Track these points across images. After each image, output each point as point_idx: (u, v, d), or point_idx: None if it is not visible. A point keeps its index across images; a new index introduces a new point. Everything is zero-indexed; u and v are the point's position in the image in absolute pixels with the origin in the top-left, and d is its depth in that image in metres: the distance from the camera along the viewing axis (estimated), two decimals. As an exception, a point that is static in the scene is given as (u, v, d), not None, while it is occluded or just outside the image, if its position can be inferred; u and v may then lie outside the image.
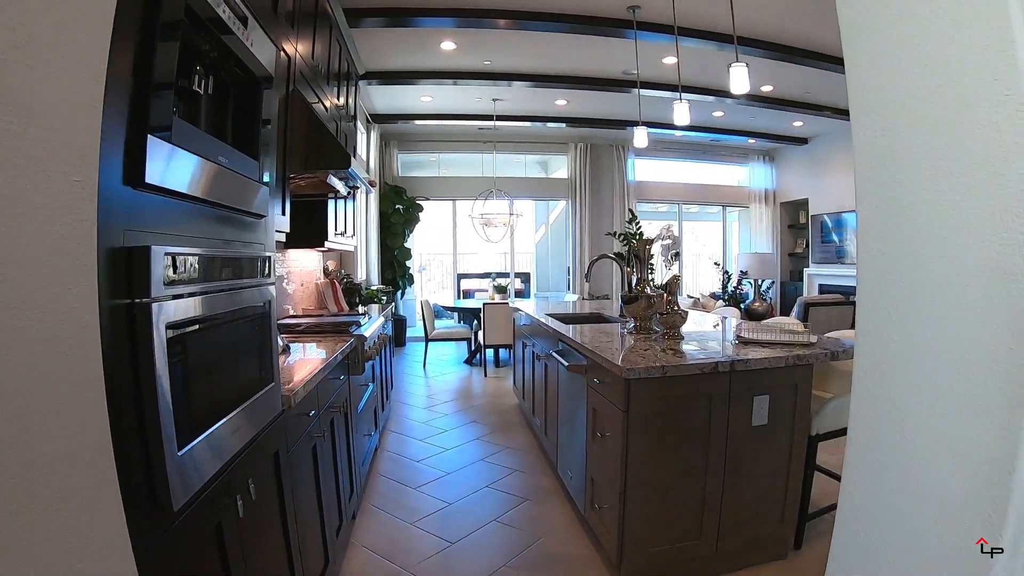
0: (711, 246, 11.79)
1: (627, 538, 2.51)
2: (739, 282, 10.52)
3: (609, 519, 2.62)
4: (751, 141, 10.35)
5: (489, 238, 8.94)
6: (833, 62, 6.06)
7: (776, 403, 2.63)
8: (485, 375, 7.22)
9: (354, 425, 3.17)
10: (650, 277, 3.55)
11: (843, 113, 8.24)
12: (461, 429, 4.98)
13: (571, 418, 3.33)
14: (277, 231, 2.95)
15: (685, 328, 3.38)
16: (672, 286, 3.33)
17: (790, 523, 2.78)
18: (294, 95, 3.20)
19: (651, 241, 3.64)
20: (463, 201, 9.89)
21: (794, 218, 11.33)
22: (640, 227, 4.33)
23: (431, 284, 11.53)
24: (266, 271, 1.67)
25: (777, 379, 2.62)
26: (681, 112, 4.73)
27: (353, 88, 5.44)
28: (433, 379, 7.10)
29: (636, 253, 3.60)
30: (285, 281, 4.24)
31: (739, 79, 3.87)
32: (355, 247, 6.00)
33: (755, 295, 10.13)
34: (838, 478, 3.25)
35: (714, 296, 10.30)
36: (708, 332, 3.51)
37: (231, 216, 1.52)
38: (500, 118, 8.54)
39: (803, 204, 10.72)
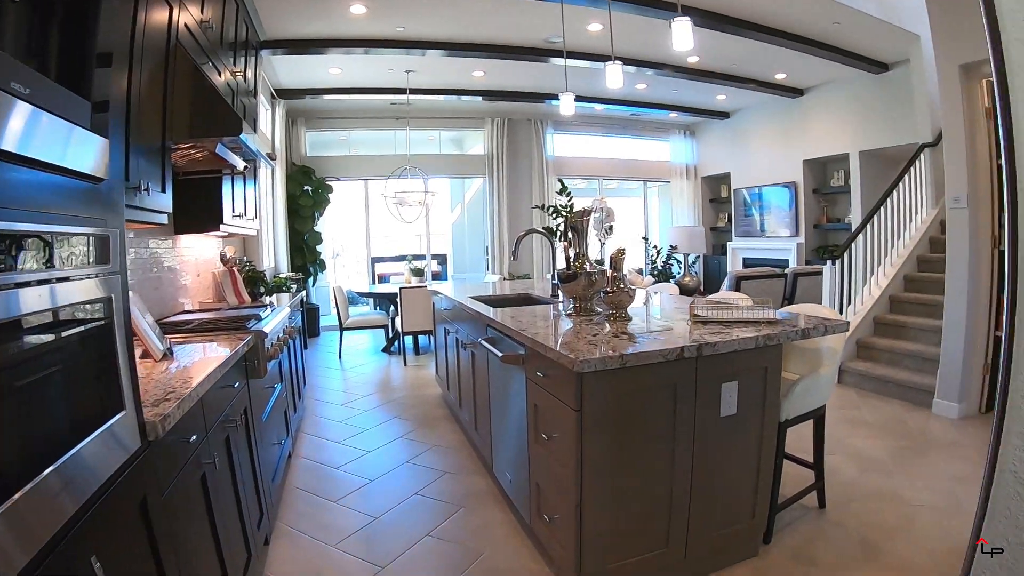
0: (629, 222, 11.63)
1: (586, 554, 2.17)
2: (669, 257, 10.44)
3: (563, 532, 2.28)
4: (673, 115, 10.21)
5: (403, 218, 8.46)
6: (766, 32, 5.91)
7: (745, 389, 2.36)
8: (405, 364, 6.81)
9: (259, 436, 2.70)
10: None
11: (768, 86, 8.21)
12: (383, 427, 4.55)
13: (506, 414, 2.97)
14: (157, 211, 2.47)
15: (631, 308, 3.06)
16: (617, 261, 2.96)
17: (760, 518, 2.54)
18: (177, 52, 2.69)
19: (589, 212, 3.29)
20: (375, 181, 9.34)
21: (716, 192, 11.35)
22: (572, 198, 4.00)
23: (347, 270, 10.95)
24: (106, 256, 1.20)
25: (746, 363, 2.34)
26: (614, 74, 4.41)
27: (254, 58, 4.84)
28: (350, 371, 6.61)
29: (573, 225, 3.25)
30: (180, 272, 3.69)
31: (682, 35, 3.55)
32: (258, 231, 5.42)
33: (684, 270, 10.09)
34: (806, 464, 3.09)
35: (640, 272, 10.19)
36: (657, 311, 3.22)
37: (34, 176, 1.04)
38: (414, 91, 8.05)
39: (725, 178, 10.73)
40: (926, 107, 6.30)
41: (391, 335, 7.59)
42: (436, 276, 10.07)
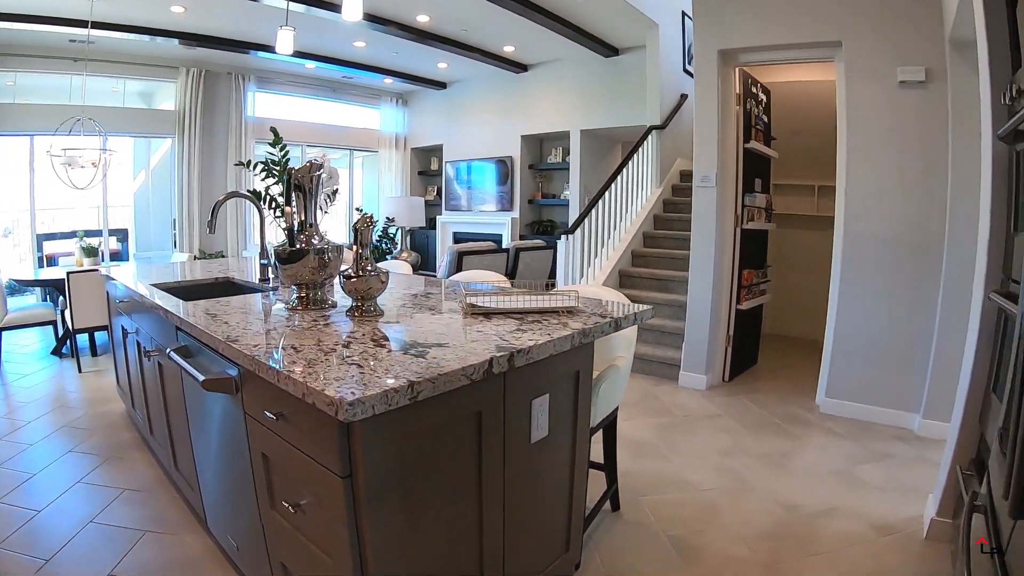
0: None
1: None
2: (385, 231, 9.75)
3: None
4: (388, 80, 9.56)
5: (74, 183, 6.53)
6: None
7: (556, 403, 1.83)
8: (80, 370, 5.16)
9: None
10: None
11: (494, 58, 8.04)
12: (57, 466, 3.18)
13: (220, 458, 2.05)
14: None
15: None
16: (364, 233, 2.18)
17: (575, 549, 2.09)
18: None
19: (320, 167, 2.42)
20: (44, 137, 7.16)
21: (426, 164, 11.01)
22: (288, 151, 3.05)
23: (19, 250, 8.41)
24: None
25: (557, 369, 1.80)
26: (352, 4, 3.63)
27: None
28: (12, 385, 4.75)
29: (298, 184, 2.34)
30: None
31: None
32: None
33: (402, 245, 9.50)
34: (595, 466, 2.52)
35: (349, 247, 9.38)
36: (414, 300, 2.50)
37: None
38: (98, 25, 6.30)
39: (436, 150, 10.42)
40: (657, 92, 6.61)
41: (62, 333, 5.78)
42: (115, 256, 8.44)
